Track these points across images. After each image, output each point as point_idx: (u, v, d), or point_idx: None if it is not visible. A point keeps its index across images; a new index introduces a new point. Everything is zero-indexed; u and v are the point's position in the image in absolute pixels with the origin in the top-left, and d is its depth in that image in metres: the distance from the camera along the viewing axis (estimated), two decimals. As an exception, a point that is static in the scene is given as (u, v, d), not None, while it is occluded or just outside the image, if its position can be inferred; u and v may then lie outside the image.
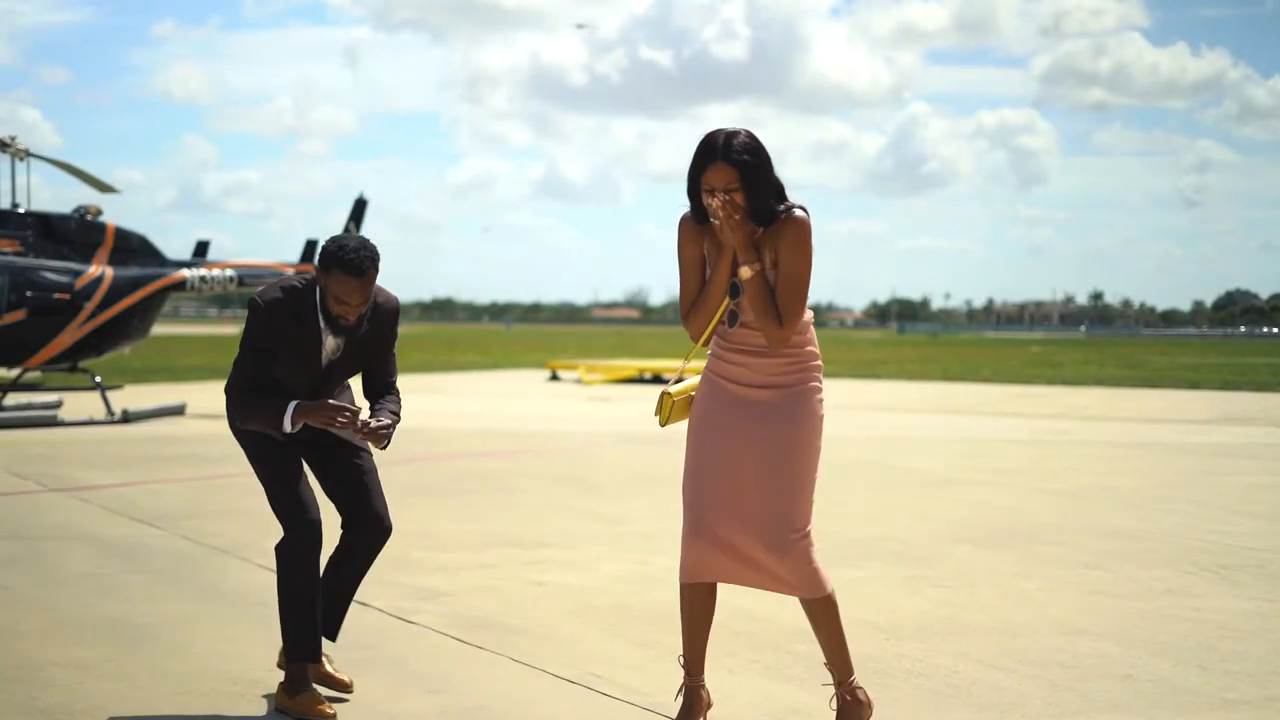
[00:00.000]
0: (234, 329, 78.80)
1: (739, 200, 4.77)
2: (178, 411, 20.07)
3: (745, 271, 4.82)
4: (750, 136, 4.83)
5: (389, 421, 5.32)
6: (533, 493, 11.75)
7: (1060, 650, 6.29)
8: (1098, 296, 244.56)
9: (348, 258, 5.11)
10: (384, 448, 5.34)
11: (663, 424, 5.15)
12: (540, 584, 7.72)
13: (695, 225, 4.95)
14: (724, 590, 7.55)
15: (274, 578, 5.41)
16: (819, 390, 5.00)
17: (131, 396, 22.26)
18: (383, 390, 5.55)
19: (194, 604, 7.09)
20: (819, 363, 5.04)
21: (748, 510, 4.87)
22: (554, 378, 33.75)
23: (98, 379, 19.83)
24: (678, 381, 5.20)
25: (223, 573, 7.82)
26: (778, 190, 4.87)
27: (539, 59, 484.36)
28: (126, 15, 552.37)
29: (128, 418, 18.92)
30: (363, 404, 5.52)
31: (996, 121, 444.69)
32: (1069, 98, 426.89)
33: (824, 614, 4.98)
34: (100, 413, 19.23)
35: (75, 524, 9.69)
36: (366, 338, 5.41)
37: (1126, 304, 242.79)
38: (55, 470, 12.95)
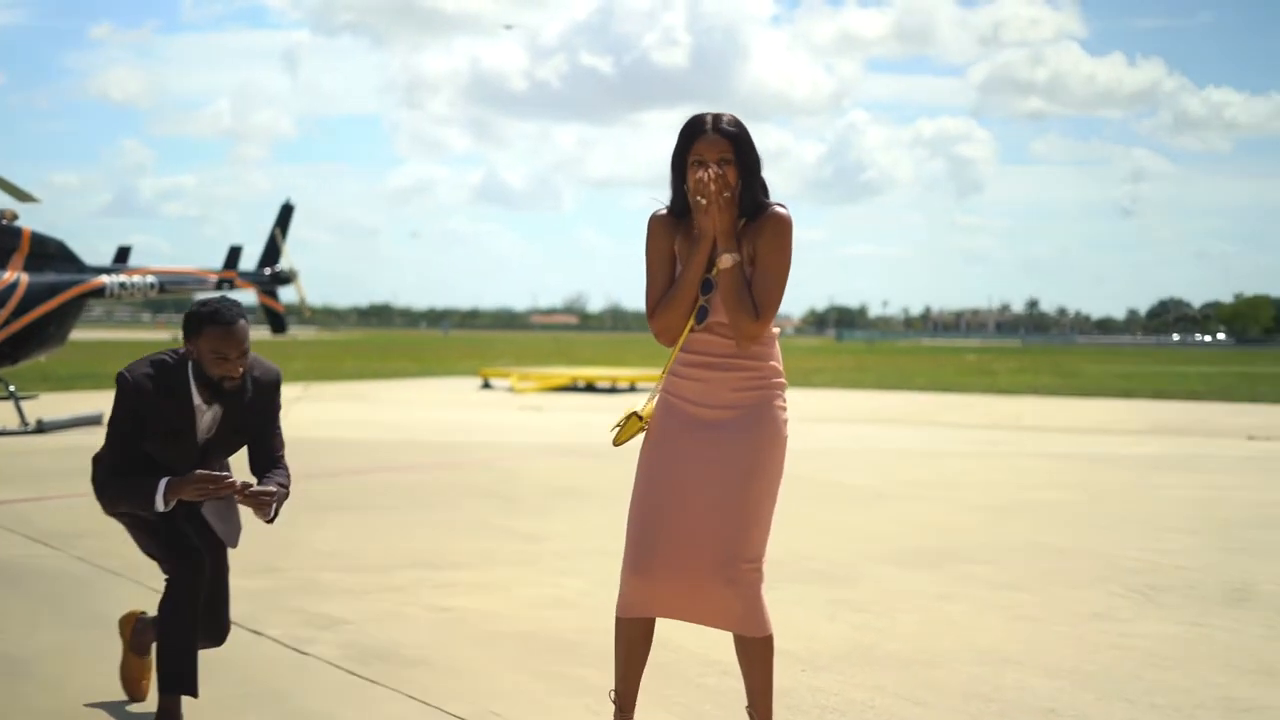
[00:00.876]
0: (166, 335, 77.96)
1: (731, 178, 4.55)
2: (95, 421, 19.55)
3: (726, 260, 4.56)
4: (738, 119, 4.65)
5: (273, 489, 5.02)
6: (451, 509, 11.41)
7: (982, 681, 6.03)
8: (1034, 304, 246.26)
9: (214, 311, 4.97)
10: (269, 519, 5.05)
11: (617, 443, 4.90)
12: (447, 610, 7.40)
13: (668, 220, 4.71)
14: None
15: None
16: (783, 409, 4.74)
17: (50, 405, 21.73)
18: (269, 465, 5.25)
19: (76, 632, 6.74)
20: (782, 380, 4.77)
21: (699, 539, 4.59)
22: (486, 386, 33.39)
23: (11, 388, 19.30)
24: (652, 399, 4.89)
25: (111, 597, 7.43)
26: (762, 184, 4.67)
27: (479, 64, 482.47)
28: (62, 17, 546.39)
29: (42, 428, 18.45)
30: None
31: (935, 130, 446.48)
32: (1007, 106, 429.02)
33: (761, 656, 4.72)
34: (14, 422, 18.74)
35: (-33, 544, 9.29)
36: (246, 410, 5.16)
37: (1062, 312, 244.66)
38: (-43, 484, 12.51)
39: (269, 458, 5.26)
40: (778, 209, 4.67)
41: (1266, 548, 9.75)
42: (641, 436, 4.86)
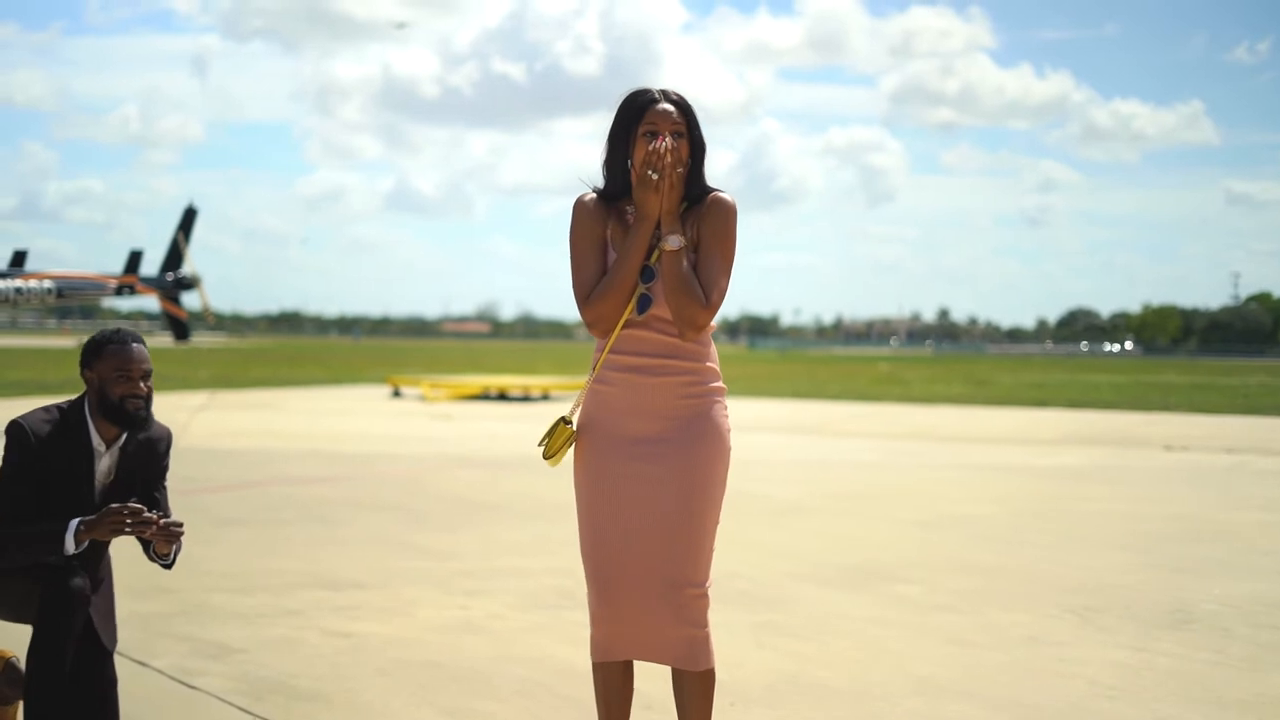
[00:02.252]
0: (72, 341, 76.51)
1: (684, 154, 4.18)
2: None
3: (672, 242, 4.15)
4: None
5: (181, 522, 4.64)
6: (354, 524, 10.91)
7: (920, 715, 5.65)
8: (944, 313, 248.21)
9: (115, 331, 4.84)
10: (168, 565, 4.78)
11: (549, 458, 4.35)
12: (348, 635, 6.92)
13: (598, 204, 4.30)
14: (544, 640, 6.90)
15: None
16: (724, 413, 4.34)
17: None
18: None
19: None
20: (722, 384, 4.36)
21: (643, 569, 4.18)
22: (396, 394, 32.78)
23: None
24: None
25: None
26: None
27: (390, 70, 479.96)
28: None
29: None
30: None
31: (846, 139, 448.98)
32: (917, 117, 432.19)
33: (702, 692, 4.30)
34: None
35: None
36: (138, 459, 4.85)
37: (973, 321, 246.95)
38: None
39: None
40: (722, 194, 4.29)
41: (1199, 564, 9.46)
42: (573, 451, 4.39)
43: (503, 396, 31.98)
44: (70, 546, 4.58)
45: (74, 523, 4.58)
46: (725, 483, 4.34)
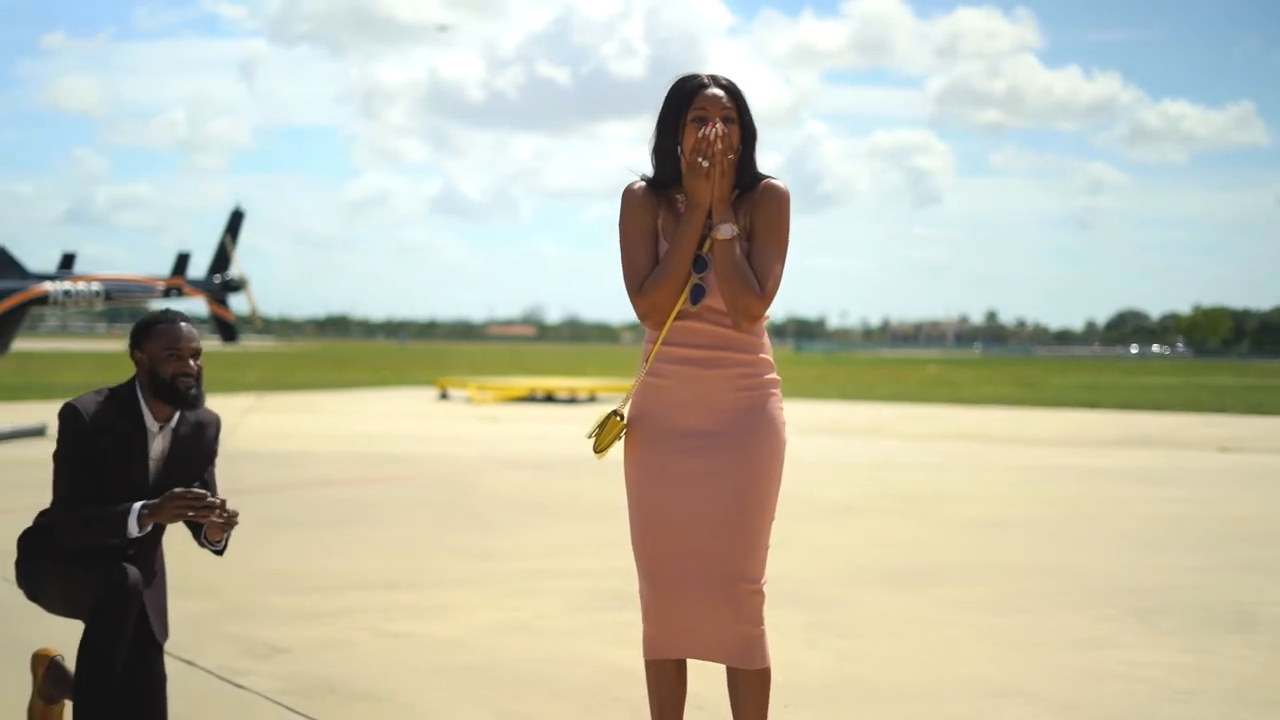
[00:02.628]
0: (120, 345, 76.98)
1: (735, 139, 4.06)
2: (38, 433, 18.90)
3: (724, 231, 4.03)
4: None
5: (237, 511, 4.63)
6: (403, 525, 10.85)
7: (981, 717, 5.52)
8: (992, 315, 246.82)
9: (162, 312, 4.84)
10: (219, 551, 4.79)
11: (599, 450, 4.26)
12: (397, 636, 6.84)
13: (647, 192, 4.18)
14: (595, 641, 6.81)
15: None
16: (779, 406, 4.23)
17: (-8, 416, 21.06)
18: None
19: (-10, 665, 6.15)
20: (776, 375, 4.25)
21: (699, 565, 4.08)
22: (443, 396, 32.78)
23: (-50, 398, 18.66)
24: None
25: (33, 622, 6.80)
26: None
27: (436, 74, 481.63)
28: (14, 26, 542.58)
29: (-18, 439, 17.81)
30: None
31: (892, 141, 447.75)
32: (964, 119, 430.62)
33: (758, 691, 4.18)
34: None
35: (-116, 563, 8.66)
36: (189, 443, 4.84)
37: (1021, 323, 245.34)
38: (-116, 499, 11.87)
39: None
40: (774, 180, 4.17)
41: (1259, 566, 9.29)
42: (622, 444, 4.29)
43: (549, 398, 31.94)
44: (134, 529, 4.56)
45: (137, 506, 4.57)
46: (781, 477, 4.23)
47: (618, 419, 4.23)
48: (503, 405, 29.97)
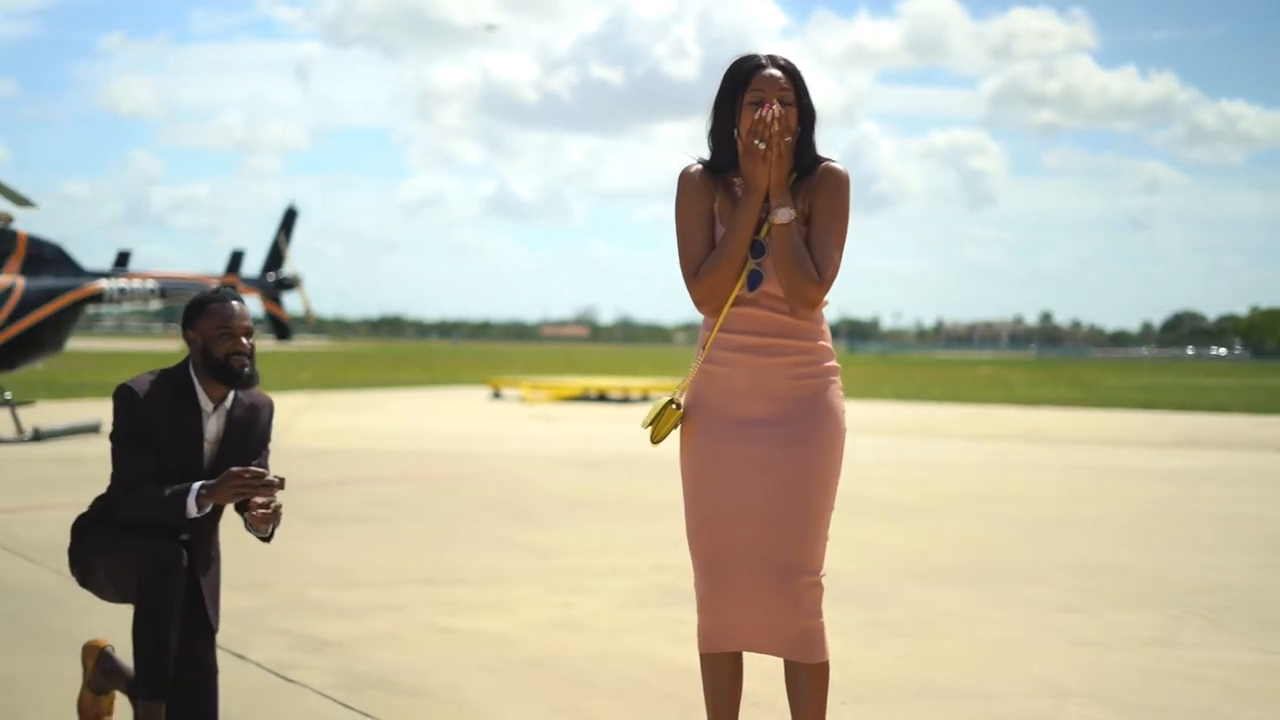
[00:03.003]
0: (178, 345, 77.45)
1: (792, 121, 3.95)
2: (93, 429, 18.97)
3: (782, 215, 3.93)
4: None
5: (280, 505, 4.60)
6: (455, 521, 10.80)
7: (1043, 717, 5.40)
8: (1047, 317, 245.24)
9: (210, 294, 4.83)
10: (267, 537, 4.71)
11: (655, 440, 4.17)
12: (448, 631, 6.77)
13: (704, 175, 4.07)
14: (648, 638, 6.71)
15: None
16: (839, 394, 4.12)
17: (48, 413, 21.16)
18: None
19: (40, 656, 6.11)
20: (836, 364, 4.14)
21: (756, 555, 3.98)
22: (496, 396, 32.77)
23: (7, 395, 18.72)
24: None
25: (84, 615, 6.77)
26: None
27: (490, 76, 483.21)
28: (74, 28, 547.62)
29: (39, 436, 17.87)
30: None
31: (947, 142, 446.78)
32: (1018, 119, 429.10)
33: (817, 685, 4.07)
34: (9, 430, 18.17)
35: (-62, 557, 8.68)
36: (243, 424, 4.81)
37: (1076, 324, 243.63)
38: (-60, 494, 11.92)
39: None
40: (834, 163, 4.06)
41: (1327, 566, 9.11)
42: (678, 434, 4.20)
43: (602, 398, 31.87)
44: (192, 510, 4.55)
45: (196, 486, 4.55)
46: (841, 467, 4.12)
47: (674, 407, 4.14)
48: (555, 404, 29.93)
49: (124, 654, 5.03)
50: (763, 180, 3.95)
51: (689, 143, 4.17)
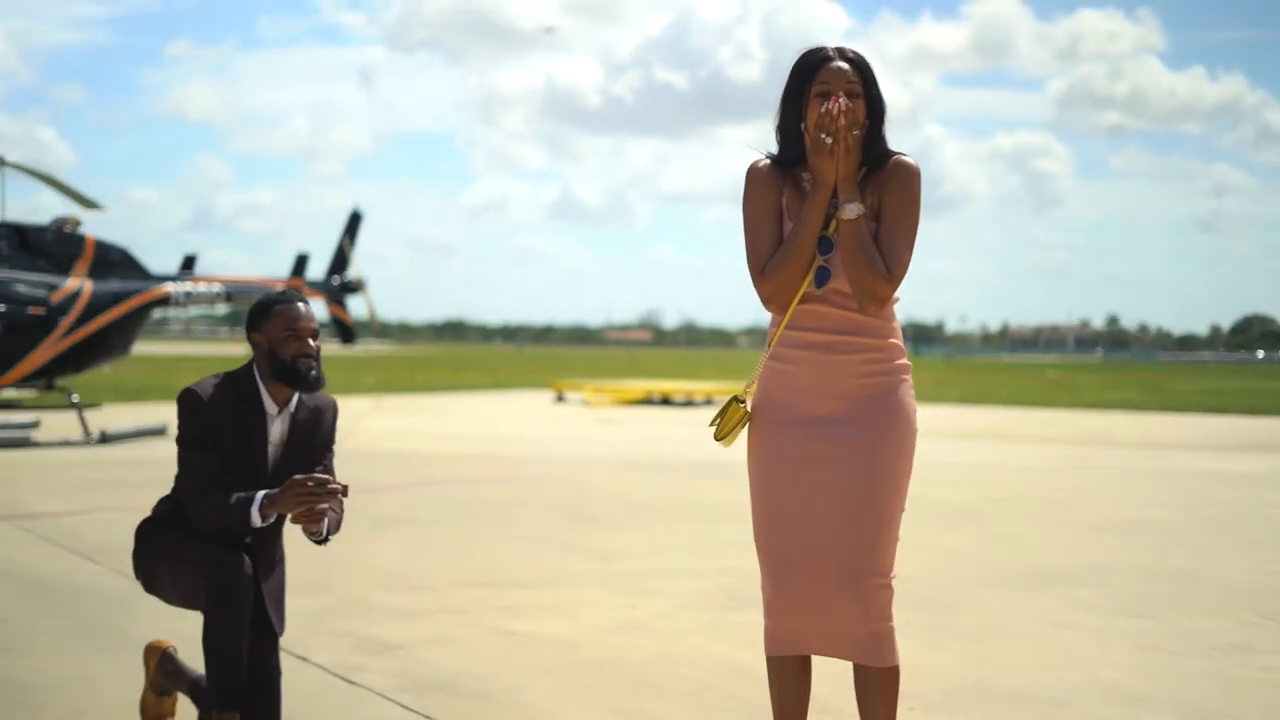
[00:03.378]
0: (242, 350, 78.05)
1: (860, 114, 3.88)
2: (158, 432, 19.10)
3: (850, 211, 3.85)
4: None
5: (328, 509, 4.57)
6: (519, 524, 10.77)
7: (1116, 723, 5.30)
8: (1114, 320, 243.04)
9: (275, 296, 4.78)
10: (322, 540, 4.66)
11: (722, 439, 4.12)
12: (512, 634, 6.74)
13: (772, 170, 4.01)
14: (713, 641, 6.65)
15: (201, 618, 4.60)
16: (909, 393, 4.04)
17: (116, 416, 21.32)
18: None
19: (104, 657, 6.11)
20: (907, 362, 4.05)
21: (825, 556, 3.91)
22: (560, 399, 32.78)
23: (75, 397, 18.88)
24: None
25: (147, 617, 6.79)
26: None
27: (554, 80, 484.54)
28: (141, 35, 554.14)
29: (106, 438, 18.01)
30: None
31: (1013, 144, 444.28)
32: (1085, 121, 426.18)
33: (887, 690, 4.00)
34: (77, 433, 18.32)
35: (4, 558, 8.72)
36: (308, 427, 4.79)
37: (1143, 328, 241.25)
38: (8, 495, 12.01)
39: None
40: (905, 157, 3.98)
41: (1404, 571, 8.92)
42: (746, 433, 4.14)
43: (666, 401, 31.79)
44: (256, 520, 4.53)
45: (259, 495, 4.52)
46: (911, 467, 4.04)
47: (740, 406, 4.08)
48: (619, 408, 29.90)
49: (186, 655, 5.04)
50: (830, 175, 3.88)
51: (756, 141, 4.10)
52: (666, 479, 14.42)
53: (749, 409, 4.10)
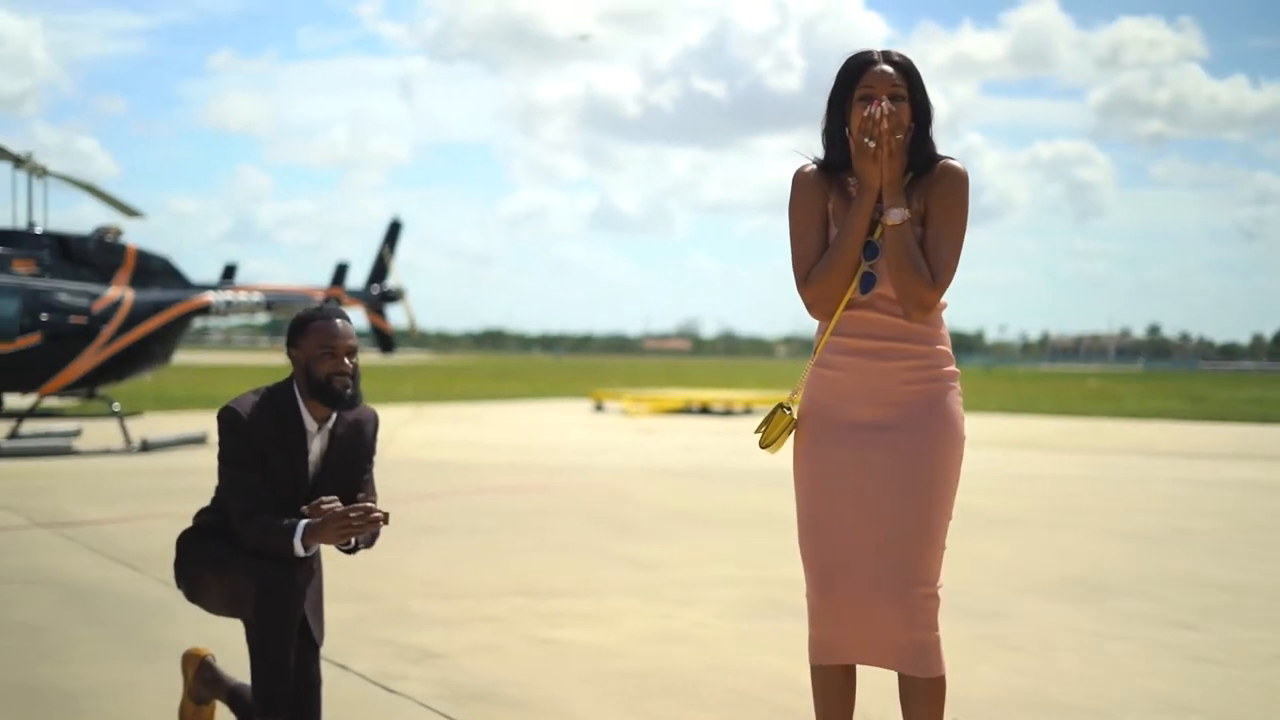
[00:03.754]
0: (282, 360, 78.49)
1: (904, 117, 3.82)
2: (199, 441, 19.17)
3: (894, 216, 3.80)
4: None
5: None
6: (558, 533, 10.74)
7: (1164, 735, 5.22)
8: (1155, 330, 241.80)
9: (318, 309, 4.75)
10: (350, 550, 4.65)
11: (767, 446, 4.06)
12: (550, 642, 6.70)
13: (818, 176, 3.95)
14: (753, 650, 6.59)
15: (242, 628, 4.60)
16: (957, 400, 3.98)
17: (157, 424, 21.40)
18: None
19: (142, 664, 6.09)
20: (955, 368, 3.99)
21: (870, 564, 3.85)
22: (599, 408, 32.76)
23: (115, 406, 18.95)
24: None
25: (186, 625, 6.78)
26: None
27: (593, 90, 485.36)
28: (183, 46, 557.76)
29: (147, 447, 18.08)
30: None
31: (1053, 153, 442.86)
32: (1126, 129, 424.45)
33: (932, 700, 3.93)
34: (118, 441, 18.39)
35: (46, 565, 8.75)
36: (347, 442, 4.75)
37: (1184, 337, 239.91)
38: (50, 503, 12.06)
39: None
40: (952, 161, 3.92)
41: None
42: (792, 439, 4.08)
43: (705, 411, 31.74)
44: (299, 550, 4.49)
45: (301, 526, 4.48)
46: (958, 475, 3.97)
47: (785, 413, 4.03)
48: (658, 417, 29.85)
49: (225, 663, 5.02)
50: (875, 179, 3.83)
51: (803, 147, 4.05)
52: (705, 487, 14.36)
53: (795, 416, 4.05)
